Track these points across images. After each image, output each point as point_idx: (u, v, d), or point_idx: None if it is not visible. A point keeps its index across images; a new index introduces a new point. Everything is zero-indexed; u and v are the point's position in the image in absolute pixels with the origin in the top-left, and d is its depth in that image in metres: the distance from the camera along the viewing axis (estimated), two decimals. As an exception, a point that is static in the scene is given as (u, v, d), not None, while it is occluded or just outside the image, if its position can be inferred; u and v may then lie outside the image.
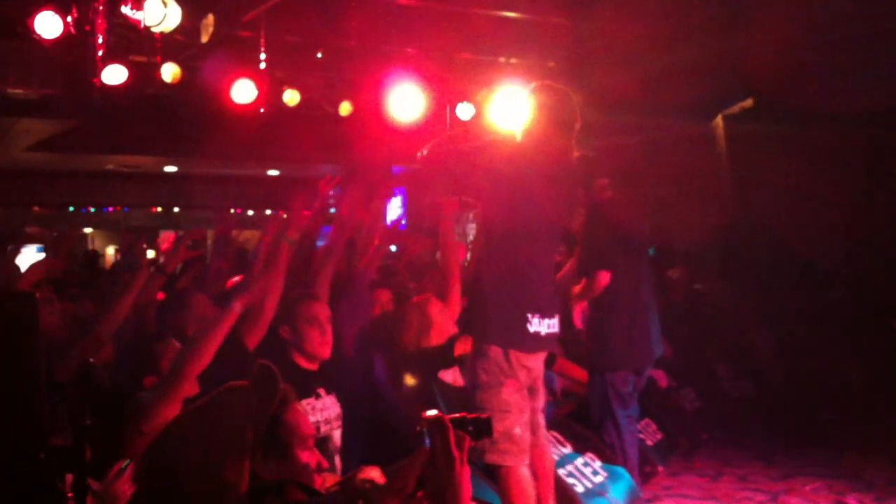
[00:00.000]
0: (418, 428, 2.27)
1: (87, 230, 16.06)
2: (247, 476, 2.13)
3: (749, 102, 8.91)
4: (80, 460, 2.03)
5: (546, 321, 3.98)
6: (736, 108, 9.04)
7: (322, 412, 4.00)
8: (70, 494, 2.09)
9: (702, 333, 7.89)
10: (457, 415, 2.28)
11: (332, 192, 5.70)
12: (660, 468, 5.89)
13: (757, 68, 7.77)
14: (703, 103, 8.96)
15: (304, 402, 3.61)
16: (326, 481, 2.68)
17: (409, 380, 4.66)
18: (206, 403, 2.19)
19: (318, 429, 3.59)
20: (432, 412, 2.28)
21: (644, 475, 5.60)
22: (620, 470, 5.13)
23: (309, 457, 2.22)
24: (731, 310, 8.28)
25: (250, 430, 2.15)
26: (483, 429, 2.33)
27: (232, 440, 2.13)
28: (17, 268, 7.18)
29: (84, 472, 2.05)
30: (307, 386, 3.94)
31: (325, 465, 2.29)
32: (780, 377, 7.65)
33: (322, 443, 3.69)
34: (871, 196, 8.39)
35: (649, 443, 6.01)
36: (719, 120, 9.35)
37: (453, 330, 4.85)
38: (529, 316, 3.91)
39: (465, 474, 2.18)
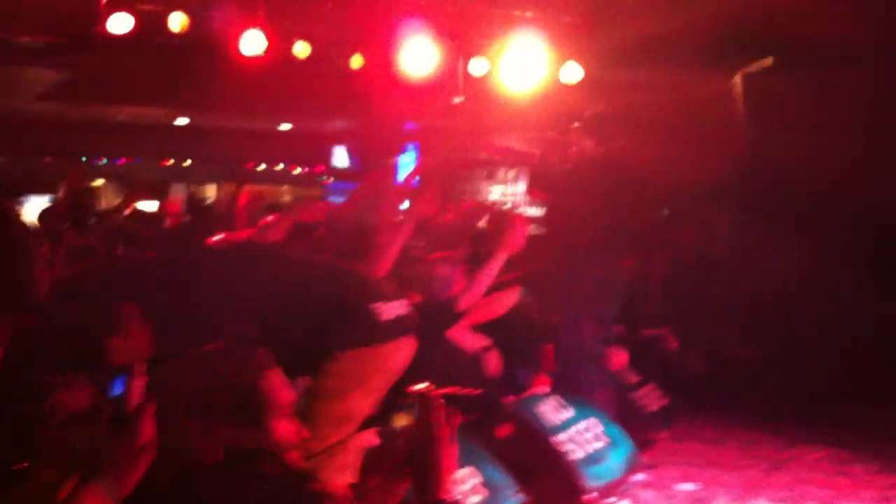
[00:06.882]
0: (406, 401, 2.20)
1: (99, 182, 16.02)
2: (220, 443, 2.07)
3: (768, 61, 8.70)
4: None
5: None
6: (755, 67, 8.84)
7: None
8: None
9: (712, 294, 7.78)
10: (447, 389, 2.21)
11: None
12: (663, 434, 5.82)
13: (777, 26, 7.58)
14: (723, 61, 8.77)
15: None
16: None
17: None
18: (178, 367, 2.13)
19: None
20: (421, 385, 2.20)
21: (647, 441, 5.54)
22: (621, 435, 5.06)
23: (286, 427, 2.15)
24: (744, 270, 8.16)
25: (223, 396, 2.08)
26: (474, 405, 2.26)
27: (203, 406, 2.07)
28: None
29: None
30: None
31: (305, 434, 2.21)
32: (790, 339, 7.58)
33: None
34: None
35: (653, 408, 5.94)
36: (738, 79, 9.15)
37: None
38: None
39: (451, 452, 2.10)
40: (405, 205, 5.55)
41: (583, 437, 4.87)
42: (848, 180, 7.92)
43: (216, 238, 4.54)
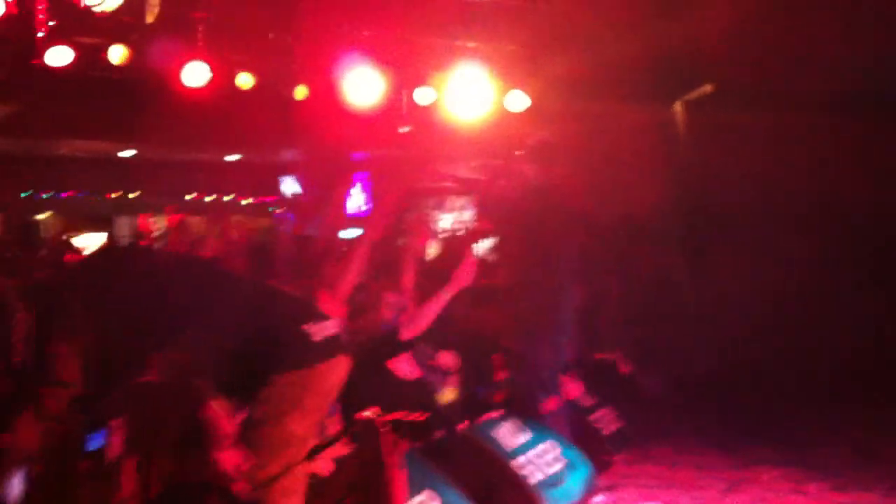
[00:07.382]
0: (349, 430, 2.15)
1: (45, 215, 15.70)
2: (165, 474, 2.01)
3: (708, 88, 8.87)
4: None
5: None
6: (695, 94, 9.00)
7: None
8: None
9: (665, 318, 7.86)
10: (394, 415, 2.15)
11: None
12: (619, 456, 5.81)
13: (716, 54, 7.73)
14: (664, 89, 8.92)
15: None
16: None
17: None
18: (119, 402, 2.06)
19: None
20: (366, 413, 2.15)
21: (603, 463, 5.51)
22: (579, 458, 5.03)
23: (230, 457, 2.08)
24: (693, 299, 8.27)
25: (166, 428, 2.02)
26: (421, 431, 2.21)
27: (146, 438, 2.00)
28: None
29: None
30: None
31: (245, 467, 2.15)
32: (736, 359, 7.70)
33: None
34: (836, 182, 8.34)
35: (607, 432, 5.92)
36: (678, 106, 9.31)
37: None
38: None
39: (399, 480, 2.05)
40: (355, 232, 5.51)
41: (541, 459, 4.84)
42: (789, 202, 8.08)
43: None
